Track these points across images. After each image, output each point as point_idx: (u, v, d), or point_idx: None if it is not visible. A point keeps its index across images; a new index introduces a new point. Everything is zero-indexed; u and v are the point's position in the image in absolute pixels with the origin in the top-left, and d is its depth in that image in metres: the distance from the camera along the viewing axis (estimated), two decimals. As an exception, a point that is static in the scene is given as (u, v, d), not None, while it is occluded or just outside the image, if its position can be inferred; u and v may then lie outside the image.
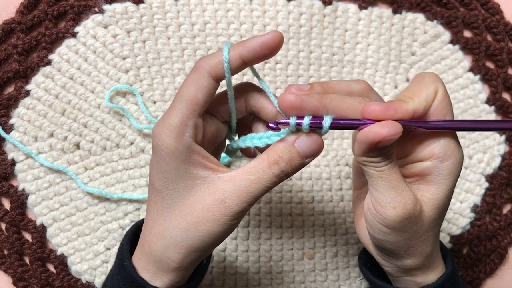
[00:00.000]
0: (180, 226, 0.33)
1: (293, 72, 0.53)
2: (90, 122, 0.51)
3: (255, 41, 0.32)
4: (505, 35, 0.55)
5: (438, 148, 0.34)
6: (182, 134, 0.32)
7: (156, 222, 0.34)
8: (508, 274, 0.55)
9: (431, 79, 0.34)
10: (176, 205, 0.33)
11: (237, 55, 0.32)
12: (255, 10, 0.53)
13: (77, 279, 0.51)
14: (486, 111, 0.55)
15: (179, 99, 0.33)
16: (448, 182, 0.35)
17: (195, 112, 0.33)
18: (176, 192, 0.33)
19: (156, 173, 0.34)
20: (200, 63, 0.33)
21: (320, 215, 0.53)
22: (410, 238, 0.36)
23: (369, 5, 0.54)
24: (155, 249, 0.34)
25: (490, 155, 0.55)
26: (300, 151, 0.33)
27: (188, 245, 0.33)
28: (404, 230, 0.35)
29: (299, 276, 0.53)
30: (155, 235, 0.34)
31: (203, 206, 0.33)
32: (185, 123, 0.32)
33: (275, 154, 0.32)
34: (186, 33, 0.52)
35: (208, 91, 0.33)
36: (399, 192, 0.34)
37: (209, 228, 0.33)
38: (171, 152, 0.32)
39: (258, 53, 0.33)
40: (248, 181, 0.32)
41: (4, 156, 0.51)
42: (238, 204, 0.32)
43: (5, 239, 0.51)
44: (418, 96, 0.33)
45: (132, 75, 0.52)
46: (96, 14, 0.51)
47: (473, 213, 0.54)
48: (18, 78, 0.51)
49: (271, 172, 0.32)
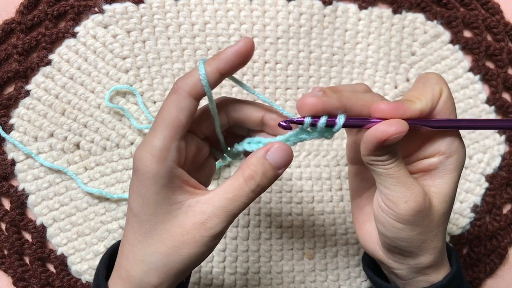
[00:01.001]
0: (160, 251, 0.33)
1: (293, 72, 0.53)
2: (90, 122, 0.51)
3: (230, 52, 0.32)
4: (505, 35, 0.55)
5: (443, 145, 0.35)
6: (165, 158, 0.32)
7: (134, 247, 0.34)
8: (508, 274, 0.55)
9: (436, 80, 0.35)
10: (155, 230, 0.33)
11: (214, 69, 0.32)
12: (255, 10, 0.53)
13: (77, 279, 0.51)
14: (486, 111, 0.55)
15: (161, 122, 0.32)
16: (453, 176, 0.36)
17: (177, 135, 0.32)
18: (155, 217, 0.33)
19: (135, 197, 0.33)
20: (178, 84, 0.33)
21: (320, 215, 0.53)
22: (423, 233, 0.36)
23: (369, 5, 0.54)
24: (134, 275, 0.34)
25: (490, 155, 0.55)
26: (273, 163, 0.33)
27: (168, 269, 0.33)
28: (417, 224, 0.35)
29: (299, 276, 0.53)
30: (133, 260, 0.34)
31: (183, 230, 0.32)
32: (168, 147, 0.32)
33: (249, 170, 0.33)
34: (186, 33, 0.52)
35: (190, 112, 0.33)
36: (408, 187, 0.35)
37: (190, 251, 0.33)
38: (152, 176, 0.32)
39: (234, 63, 0.33)
40: (226, 200, 0.32)
41: (4, 156, 0.51)
42: (218, 224, 0.32)
43: (5, 239, 0.51)
44: (425, 97, 0.34)
45: (132, 75, 0.52)
46: (96, 14, 0.51)
47: (473, 213, 0.54)
48: (18, 78, 0.51)
49: (247, 188, 0.33)
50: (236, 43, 0.33)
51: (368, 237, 0.40)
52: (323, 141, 0.54)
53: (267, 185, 0.33)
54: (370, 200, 0.41)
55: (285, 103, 0.54)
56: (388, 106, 0.33)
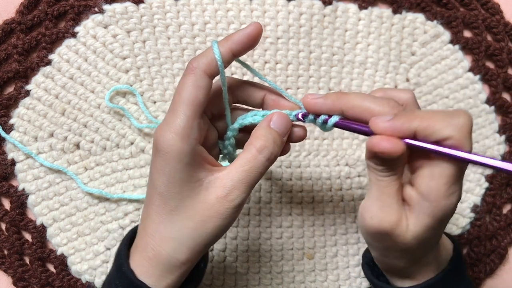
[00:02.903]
0: (188, 226, 0.34)
1: (293, 72, 0.53)
2: (90, 122, 0.51)
3: (242, 34, 0.35)
4: (505, 35, 0.55)
5: (424, 186, 0.32)
6: (188, 136, 0.33)
7: (159, 225, 0.35)
8: (508, 274, 0.55)
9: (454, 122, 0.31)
10: (180, 207, 0.34)
11: (227, 50, 0.35)
12: (255, 10, 0.53)
13: (77, 279, 0.51)
14: (486, 111, 0.55)
15: (181, 101, 0.34)
16: (427, 222, 0.33)
17: (198, 113, 0.34)
18: (179, 195, 0.34)
19: (159, 176, 0.34)
20: (193, 64, 0.34)
21: (320, 215, 0.53)
22: (384, 249, 0.37)
23: (369, 5, 0.54)
24: (162, 252, 0.35)
25: (490, 155, 0.55)
26: (278, 130, 0.36)
27: (196, 244, 0.35)
28: (377, 240, 0.36)
29: (299, 276, 0.53)
30: (160, 239, 0.35)
31: (208, 205, 0.34)
32: (190, 125, 0.33)
33: (260, 140, 0.35)
34: (186, 33, 0.52)
35: (207, 91, 0.34)
36: (384, 207, 0.34)
37: (216, 224, 0.34)
38: (177, 155, 0.33)
39: (245, 44, 0.35)
40: (244, 173, 0.34)
41: (4, 156, 0.51)
42: (239, 195, 0.34)
43: (5, 239, 0.51)
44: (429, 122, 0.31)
45: (132, 75, 0.52)
46: (96, 14, 0.51)
47: (473, 213, 0.54)
48: (18, 78, 0.51)
49: (262, 157, 0.35)
50: (247, 26, 0.35)
51: None
52: (323, 141, 0.54)
53: (278, 152, 0.36)
54: None
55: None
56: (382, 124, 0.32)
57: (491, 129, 0.55)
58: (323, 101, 0.36)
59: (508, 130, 0.55)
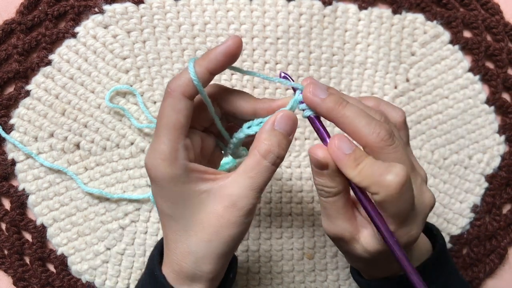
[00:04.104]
0: (203, 239, 0.34)
1: (293, 73, 0.53)
2: (90, 122, 0.51)
3: (218, 52, 0.33)
4: (505, 35, 0.55)
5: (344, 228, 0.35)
6: (176, 159, 0.33)
7: (177, 242, 0.35)
8: (508, 274, 0.55)
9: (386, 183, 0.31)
10: (192, 222, 0.34)
11: (204, 69, 0.34)
12: (255, 10, 0.53)
13: (77, 279, 0.51)
14: (486, 111, 0.55)
15: (162, 127, 0.34)
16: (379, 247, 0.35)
17: (181, 135, 0.34)
18: (187, 211, 0.34)
19: (162, 202, 0.35)
20: (171, 86, 0.34)
21: (320, 215, 0.53)
22: (345, 251, 0.38)
23: (369, 6, 0.54)
24: (186, 266, 0.35)
25: (489, 155, 0.55)
26: (283, 131, 0.34)
27: (215, 254, 0.35)
28: (336, 244, 0.38)
29: (299, 276, 0.53)
30: (181, 254, 0.35)
31: (217, 215, 0.34)
32: (176, 148, 0.33)
33: (263, 145, 0.34)
34: (186, 33, 0.52)
35: (187, 112, 0.34)
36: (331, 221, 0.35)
37: (230, 233, 0.34)
38: (170, 179, 0.33)
39: (222, 62, 0.34)
40: (250, 179, 0.33)
41: (4, 156, 0.51)
42: (247, 203, 0.34)
43: (5, 239, 0.51)
44: (367, 176, 0.32)
45: (132, 75, 0.52)
46: (96, 15, 0.51)
47: (473, 213, 0.55)
48: (18, 78, 0.51)
49: (267, 162, 0.34)
50: (224, 41, 0.34)
51: None
52: (323, 141, 0.54)
53: (284, 154, 0.35)
54: None
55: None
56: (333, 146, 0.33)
57: (491, 129, 0.55)
58: (320, 103, 0.34)
59: (508, 130, 0.55)
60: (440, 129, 0.55)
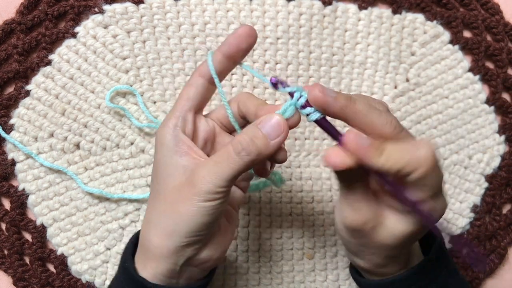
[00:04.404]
0: (159, 208, 0.36)
1: (293, 72, 0.53)
2: (90, 122, 0.51)
3: (230, 36, 0.36)
4: (505, 35, 0.55)
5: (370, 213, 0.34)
6: (174, 125, 0.36)
7: (148, 212, 0.38)
8: (508, 274, 0.55)
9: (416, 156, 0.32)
10: (159, 192, 0.36)
11: (218, 53, 0.36)
12: (255, 10, 0.53)
13: (77, 279, 0.51)
14: (486, 111, 0.55)
15: (176, 100, 0.38)
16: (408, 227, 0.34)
17: (185, 107, 0.37)
18: (161, 179, 0.36)
19: (153, 165, 0.38)
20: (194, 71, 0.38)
21: (320, 215, 0.53)
22: (359, 245, 0.37)
23: (369, 5, 0.54)
24: (142, 237, 0.37)
25: (489, 155, 0.55)
26: (264, 132, 0.34)
27: (163, 227, 0.35)
28: (353, 237, 0.36)
29: (299, 276, 0.53)
30: (144, 223, 0.37)
31: (178, 189, 0.35)
32: (177, 116, 0.37)
33: (238, 137, 0.34)
34: (186, 33, 0.52)
35: (197, 88, 0.37)
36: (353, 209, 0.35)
37: (182, 210, 0.34)
38: (160, 139, 0.37)
39: (235, 45, 0.36)
40: (213, 163, 0.34)
41: (4, 156, 0.51)
42: (203, 184, 0.34)
43: (5, 239, 0.51)
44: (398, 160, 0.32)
45: (132, 75, 0.52)
46: (96, 14, 0.51)
47: (473, 213, 0.55)
48: (18, 78, 0.51)
49: (233, 152, 0.34)
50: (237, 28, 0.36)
51: None
52: (323, 141, 0.54)
53: (254, 151, 0.34)
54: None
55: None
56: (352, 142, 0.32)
57: (491, 129, 0.55)
58: (333, 102, 0.33)
59: (508, 130, 0.55)
60: (440, 129, 0.55)
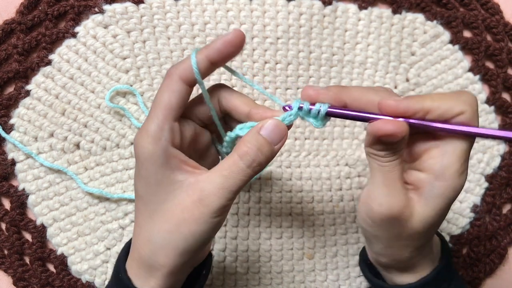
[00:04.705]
0: (164, 229, 0.34)
1: (293, 72, 0.53)
2: (90, 122, 0.51)
3: (218, 41, 0.34)
4: (504, 35, 0.55)
5: (438, 165, 0.33)
6: (159, 139, 0.33)
7: (141, 228, 0.35)
8: (508, 274, 0.55)
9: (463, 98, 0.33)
10: (159, 210, 0.34)
11: (203, 57, 0.34)
12: (255, 10, 0.53)
13: (77, 279, 0.51)
14: (486, 111, 0.55)
15: (155, 106, 0.34)
16: (437, 203, 0.34)
17: (169, 116, 0.34)
18: (157, 197, 0.34)
19: (137, 180, 0.35)
20: (171, 69, 0.34)
21: (320, 215, 0.53)
22: (391, 238, 0.37)
23: (369, 5, 0.54)
24: (143, 254, 0.35)
25: (489, 155, 0.55)
26: (267, 138, 0.34)
27: (173, 247, 0.34)
28: (386, 229, 0.36)
29: (299, 276, 0.53)
30: (142, 241, 0.35)
31: (183, 207, 0.33)
32: (161, 127, 0.33)
33: (244, 146, 0.33)
34: (186, 33, 0.52)
35: (181, 95, 0.34)
36: (391, 192, 0.34)
37: (190, 228, 0.33)
38: (149, 157, 0.33)
39: (222, 52, 0.34)
40: (223, 178, 0.33)
41: (4, 156, 0.51)
42: (215, 201, 0.33)
43: (5, 239, 0.51)
44: (442, 103, 0.32)
45: (132, 75, 0.52)
46: (96, 14, 0.52)
47: (473, 213, 0.55)
48: (18, 78, 0.51)
49: (242, 163, 0.33)
50: (227, 33, 0.34)
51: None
52: (323, 141, 0.54)
53: (263, 160, 0.34)
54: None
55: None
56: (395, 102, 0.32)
57: (491, 129, 0.55)
58: (326, 91, 0.34)
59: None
60: (440, 129, 0.55)
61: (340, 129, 0.54)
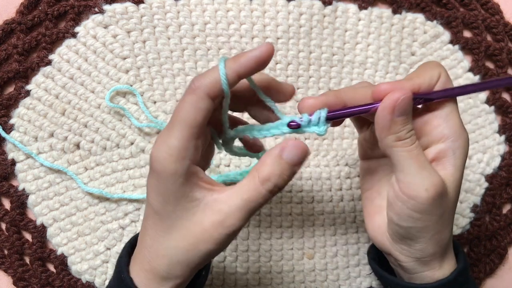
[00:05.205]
0: (181, 246, 0.34)
1: (293, 72, 0.53)
2: (90, 122, 0.51)
3: (250, 57, 0.33)
4: (505, 35, 0.55)
5: (447, 129, 0.36)
6: (183, 158, 0.32)
7: (156, 241, 0.35)
8: (508, 274, 0.55)
9: (435, 65, 0.37)
10: (176, 226, 0.34)
11: (234, 73, 0.32)
12: (255, 10, 0.53)
13: (77, 279, 0.51)
14: (486, 111, 0.55)
15: (178, 121, 0.32)
16: (462, 162, 0.36)
17: (195, 135, 0.32)
18: (175, 214, 0.34)
19: (154, 195, 0.34)
20: (196, 83, 0.32)
21: (320, 215, 0.53)
22: (437, 222, 0.36)
23: (369, 5, 0.54)
24: (158, 268, 0.35)
25: (489, 155, 0.55)
26: (290, 161, 0.33)
27: (189, 263, 0.34)
28: (434, 213, 0.36)
29: (299, 276, 0.53)
30: (155, 254, 0.35)
31: (202, 228, 0.33)
32: (186, 146, 0.32)
33: (265, 171, 0.33)
34: (186, 33, 0.52)
35: (207, 113, 0.33)
36: (430, 173, 0.35)
37: (208, 247, 0.34)
38: (170, 176, 0.32)
39: (253, 69, 0.33)
40: (243, 201, 0.33)
41: (4, 156, 0.51)
42: (235, 224, 0.33)
43: (5, 239, 0.51)
44: (423, 75, 0.36)
45: (132, 75, 0.52)
46: (96, 14, 0.52)
47: (473, 213, 0.55)
48: (18, 78, 0.51)
49: (263, 189, 0.33)
50: (257, 48, 0.33)
51: (377, 229, 0.40)
52: (323, 141, 0.54)
53: (283, 184, 0.33)
54: (379, 193, 0.41)
55: (285, 103, 0.54)
56: (387, 85, 0.35)
57: (491, 129, 0.55)
58: (325, 97, 0.35)
59: (508, 130, 0.55)
60: (440, 129, 0.55)
61: (340, 129, 0.54)
